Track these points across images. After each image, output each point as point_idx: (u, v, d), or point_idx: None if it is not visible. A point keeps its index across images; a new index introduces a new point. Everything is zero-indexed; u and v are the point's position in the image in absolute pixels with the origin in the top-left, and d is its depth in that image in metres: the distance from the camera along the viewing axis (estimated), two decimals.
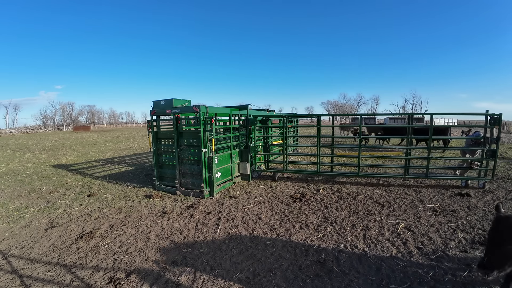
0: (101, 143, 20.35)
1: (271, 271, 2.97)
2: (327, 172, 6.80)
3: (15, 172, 9.05)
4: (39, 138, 27.81)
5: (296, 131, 12.39)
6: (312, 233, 3.90)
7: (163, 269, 3.06)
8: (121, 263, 3.22)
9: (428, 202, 5.06)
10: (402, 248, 3.42)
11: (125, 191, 6.31)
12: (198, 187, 5.72)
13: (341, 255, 3.28)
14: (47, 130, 53.64)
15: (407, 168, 6.44)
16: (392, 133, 12.75)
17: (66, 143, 20.80)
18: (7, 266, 3.20)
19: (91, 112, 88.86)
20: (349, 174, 6.81)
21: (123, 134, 32.82)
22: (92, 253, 3.47)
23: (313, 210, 4.84)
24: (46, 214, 4.90)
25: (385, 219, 4.34)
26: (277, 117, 8.39)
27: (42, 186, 7.00)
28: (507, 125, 30.78)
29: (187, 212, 4.86)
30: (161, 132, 6.50)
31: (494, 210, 2.49)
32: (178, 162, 5.95)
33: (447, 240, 3.59)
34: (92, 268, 3.13)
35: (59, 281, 2.88)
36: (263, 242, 3.66)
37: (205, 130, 5.52)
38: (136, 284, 2.82)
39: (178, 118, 5.85)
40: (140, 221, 4.50)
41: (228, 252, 3.41)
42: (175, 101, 6.34)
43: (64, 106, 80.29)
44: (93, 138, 25.91)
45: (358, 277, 2.83)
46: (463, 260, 3.09)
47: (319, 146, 6.64)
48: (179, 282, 2.83)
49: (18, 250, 3.60)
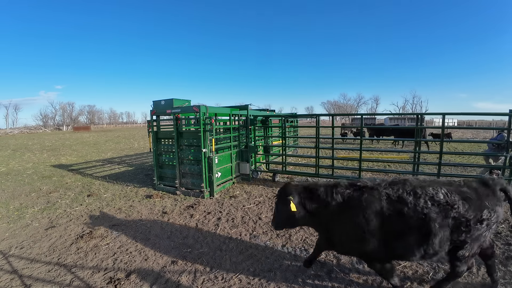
0: (101, 143, 20.36)
1: (271, 271, 2.97)
2: (326, 175, 6.57)
3: (15, 172, 9.05)
4: (39, 138, 27.82)
5: (296, 131, 12.37)
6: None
7: (163, 269, 3.06)
8: (121, 263, 3.22)
9: None
10: None
11: (125, 191, 6.32)
12: (198, 187, 5.72)
13: (341, 255, 3.27)
14: (47, 130, 53.64)
15: (416, 175, 5.61)
16: (386, 135, 12.40)
17: (66, 143, 20.81)
18: (7, 266, 3.20)
19: (91, 112, 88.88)
20: (350, 178, 6.06)
21: (123, 134, 32.83)
22: (92, 253, 3.47)
23: None
24: (46, 214, 4.90)
25: None
26: (276, 117, 8.38)
27: (42, 186, 7.00)
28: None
29: (187, 212, 4.86)
30: (161, 132, 6.50)
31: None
32: (178, 162, 5.95)
33: None
34: (92, 268, 3.13)
35: (59, 281, 2.88)
36: (263, 242, 3.66)
37: (205, 130, 5.52)
38: (136, 284, 2.82)
39: (178, 118, 5.85)
40: (140, 221, 4.50)
41: (228, 252, 3.41)
42: (175, 101, 6.34)
43: (64, 106, 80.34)
44: (93, 138, 25.91)
45: (358, 277, 2.83)
46: None
47: (317, 147, 6.41)
48: (179, 282, 2.83)
49: (18, 250, 3.60)
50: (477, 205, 2.23)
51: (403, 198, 2.26)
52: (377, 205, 2.29)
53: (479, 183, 2.39)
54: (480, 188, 2.33)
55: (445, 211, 2.19)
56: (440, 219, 2.17)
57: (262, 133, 8.66)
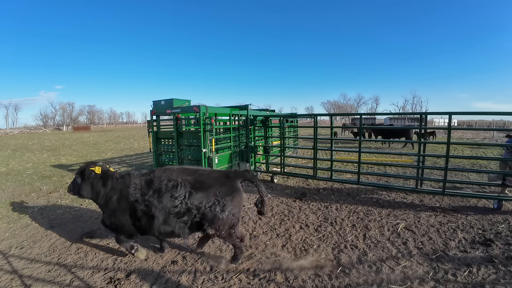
0: (101, 143, 20.36)
1: (271, 271, 2.97)
2: (325, 177, 6.35)
3: (15, 172, 9.05)
4: (39, 138, 27.82)
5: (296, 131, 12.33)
6: (312, 233, 3.90)
7: (163, 269, 3.06)
8: (121, 263, 3.22)
9: (428, 202, 5.06)
10: (402, 248, 3.42)
11: None
12: None
13: (341, 255, 3.28)
14: (47, 130, 53.64)
15: (420, 180, 5.16)
16: (375, 135, 12.26)
17: (66, 143, 20.80)
18: (7, 266, 3.19)
19: (91, 112, 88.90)
20: (348, 181, 6.04)
21: (123, 134, 32.82)
22: (92, 253, 3.47)
23: (313, 210, 4.84)
24: (46, 214, 4.90)
25: (385, 219, 4.34)
26: (275, 117, 8.38)
27: (42, 186, 7.00)
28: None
29: None
30: (161, 132, 6.50)
31: None
32: (178, 162, 5.95)
33: (447, 240, 3.59)
34: (92, 268, 3.13)
35: (59, 281, 2.88)
36: (263, 242, 3.66)
37: (205, 130, 5.52)
38: (136, 284, 2.82)
39: (178, 118, 5.86)
40: None
41: (228, 252, 3.41)
42: (175, 101, 6.35)
43: (64, 106, 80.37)
44: (93, 138, 25.91)
45: (358, 277, 2.83)
46: (463, 260, 3.09)
47: (315, 149, 6.17)
48: (179, 282, 2.83)
49: (18, 250, 3.60)
50: (207, 193, 2.73)
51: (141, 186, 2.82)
52: (126, 191, 2.84)
53: (221, 174, 2.92)
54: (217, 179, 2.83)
55: (174, 197, 2.70)
56: (170, 204, 2.70)
57: (262, 133, 8.66)
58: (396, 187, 5.61)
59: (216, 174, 2.92)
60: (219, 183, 2.80)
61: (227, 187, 2.80)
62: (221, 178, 2.85)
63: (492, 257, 3.12)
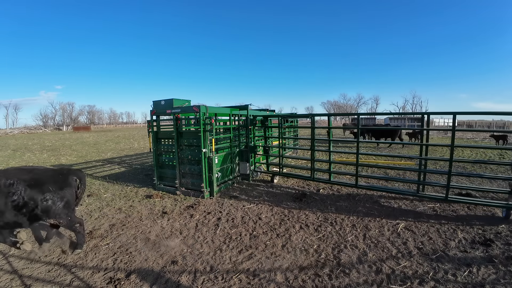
0: (101, 143, 20.36)
1: (271, 271, 2.97)
2: (322, 179, 6.26)
3: None
4: (39, 138, 27.81)
5: (296, 131, 12.33)
6: (312, 233, 3.90)
7: (163, 269, 3.06)
8: (121, 263, 3.22)
9: (428, 203, 5.05)
10: (402, 248, 3.42)
11: (125, 191, 6.32)
12: (198, 187, 5.72)
13: (341, 255, 3.28)
14: (47, 130, 53.63)
15: (422, 184, 5.04)
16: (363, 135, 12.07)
17: (66, 143, 20.80)
18: (7, 266, 3.20)
19: (91, 112, 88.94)
20: (346, 184, 6.00)
21: (123, 134, 32.83)
22: (92, 253, 3.47)
23: (313, 210, 4.84)
24: None
25: (385, 219, 4.34)
26: (273, 117, 8.37)
27: None
28: None
29: (187, 212, 4.86)
30: (161, 132, 6.50)
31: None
32: (178, 162, 5.95)
33: (447, 240, 3.59)
34: (92, 268, 3.13)
35: (59, 281, 2.88)
36: (263, 242, 3.66)
37: (205, 130, 5.52)
38: (136, 284, 2.82)
39: (178, 118, 5.85)
40: (140, 221, 4.50)
41: (228, 252, 3.41)
42: (175, 101, 6.35)
43: (64, 106, 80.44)
44: (93, 138, 25.91)
45: (358, 277, 2.83)
46: (463, 260, 3.09)
47: (313, 149, 6.12)
48: (179, 282, 2.83)
49: (18, 250, 3.59)
50: (41, 189, 3.15)
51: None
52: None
53: (54, 172, 3.39)
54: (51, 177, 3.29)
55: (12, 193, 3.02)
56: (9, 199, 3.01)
57: (262, 133, 8.66)
58: (396, 191, 5.44)
59: (50, 172, 3.38)
60: (53, 180, 3.27)
61: (60, 183, 3.30)
62: (55, 176, 3.33)
63: (492, 257, 3.12)
